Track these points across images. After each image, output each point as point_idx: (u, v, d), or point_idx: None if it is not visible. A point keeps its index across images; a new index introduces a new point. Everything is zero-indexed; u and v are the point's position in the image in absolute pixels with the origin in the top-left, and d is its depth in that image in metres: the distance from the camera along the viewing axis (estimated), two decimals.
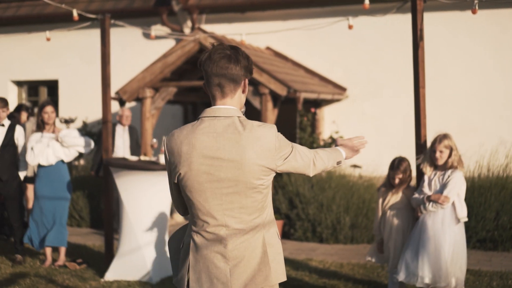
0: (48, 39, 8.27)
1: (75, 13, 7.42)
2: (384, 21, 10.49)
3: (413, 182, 6.62)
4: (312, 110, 10.90)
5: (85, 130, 12.74)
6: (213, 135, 3.04)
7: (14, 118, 9.48)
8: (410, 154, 10.31)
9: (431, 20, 10.57)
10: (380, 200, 6.54)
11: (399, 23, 11.13)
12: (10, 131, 8.29)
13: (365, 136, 3.67)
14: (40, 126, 8.09)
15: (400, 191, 6.40)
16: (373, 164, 11.12)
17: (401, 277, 5.92)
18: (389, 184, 6.49)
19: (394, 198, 6.43)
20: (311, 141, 10.78)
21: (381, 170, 10.86)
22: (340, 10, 11.89)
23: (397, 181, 6.38)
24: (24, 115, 9.50)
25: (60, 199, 8.12)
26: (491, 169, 9.56)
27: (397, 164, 6.40)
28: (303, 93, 10.11)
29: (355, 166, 10.94)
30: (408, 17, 9.56)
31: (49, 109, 8.04)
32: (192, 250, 3.08)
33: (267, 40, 12.27)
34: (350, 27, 7.04)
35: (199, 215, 3.08)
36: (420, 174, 6.29)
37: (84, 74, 13.62)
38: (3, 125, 8.26)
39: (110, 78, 7.74)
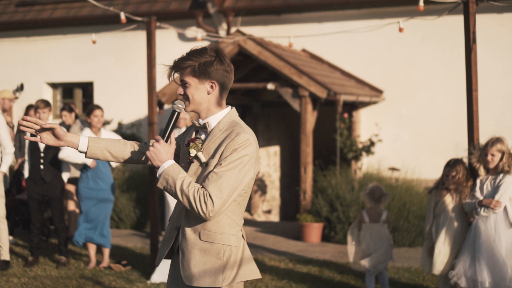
0: (94, 42, 8.30)
1: (122, 15, 7.45)
2: (421, 23, 10.38)
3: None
4: (345, 115, 10.78)
5: (120, 132, 12.78)
6: None
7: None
8: (447, 157, 10.25)
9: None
10: (432, 203, 6.44)
11: (436, 25, 11.03)
12: None
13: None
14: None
15: (454, 194, 6.26)
16: (410, 167, 11.06)
17: (462, 282, 5.86)
18: (442, 186, 6.36)
19: (447, 200, 6.30)
20: (350, 144, 10.72)
21: (419, 173, 10.80)
22: (376, 12, 11.84)
23: (450, 178, 6.23)
24: (68, 116, 9.41)
25: (104, 200, 8.16)
26: None
27: (453, 163, 6.27)
28: (343, 96, 10.08)
29: (393, 169, 10.87)
30: (445, 19, 9.54)
31: (98, 112, 8.01)
32: (245, 246, 3.27)
33: (303, 43, 12.23)
34: (400, 30, 7.00)
35: (243, 210, 3.28)
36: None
37: (119, 76, 13.68)
38: None
39: (156, 81, 7.76)
